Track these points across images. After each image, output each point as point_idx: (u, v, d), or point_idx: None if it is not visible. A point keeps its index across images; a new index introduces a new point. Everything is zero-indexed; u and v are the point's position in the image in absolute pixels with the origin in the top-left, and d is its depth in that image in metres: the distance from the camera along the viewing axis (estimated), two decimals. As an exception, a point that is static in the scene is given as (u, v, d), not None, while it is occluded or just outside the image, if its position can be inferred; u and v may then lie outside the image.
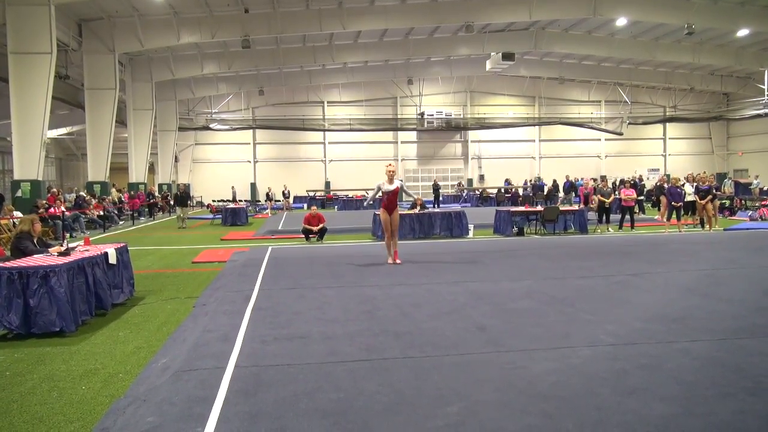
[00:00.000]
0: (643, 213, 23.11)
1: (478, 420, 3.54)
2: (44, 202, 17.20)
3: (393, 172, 10.29)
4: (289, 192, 33.24)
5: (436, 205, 29.60)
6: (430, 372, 4.43)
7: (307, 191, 37.70)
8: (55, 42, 18.15)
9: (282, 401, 3.89)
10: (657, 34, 30.10)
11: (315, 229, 14.96)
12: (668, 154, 43.47)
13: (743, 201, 24.96)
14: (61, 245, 7.20)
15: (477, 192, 36.48)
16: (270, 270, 9.73)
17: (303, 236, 15.10)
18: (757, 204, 22.85)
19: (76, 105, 27.38)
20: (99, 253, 7.19)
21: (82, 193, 22.32)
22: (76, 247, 7.28)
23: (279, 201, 33.12)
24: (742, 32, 27.43)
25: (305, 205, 31.71)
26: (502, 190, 33.73)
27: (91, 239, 8.47)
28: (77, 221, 18.39)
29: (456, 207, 26.29)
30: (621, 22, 27.20)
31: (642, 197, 24.97)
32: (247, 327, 5.88)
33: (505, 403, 3.79)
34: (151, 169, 34.14)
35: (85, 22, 23.42)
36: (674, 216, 16.49)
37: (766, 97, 35.22)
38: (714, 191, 16.99)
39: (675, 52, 31.85)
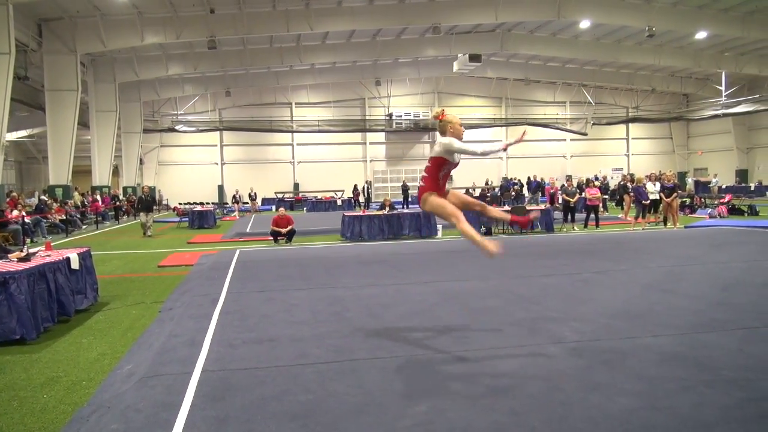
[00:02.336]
0: (607, 211, 23.67)
1: (447, 419, 3.57)
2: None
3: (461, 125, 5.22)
4: (255, 194, 32.98)
5: (405, 206, 29.69)
6: (399, 372, 4.45)
7: (275, 193, 37.43)
8: (14, 42, 17.67)
9: (250, 405, 3.86)
10: (619, 36, 30.77)
11: (283, 231, 14.87)
12: (631, 153, 44.42)
13: (703, 199, 25.64)
14: (21, 251, 7.02)
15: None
16: (238, 273, 9.64)
17: (271, 238, 15.00)
18: (716, 202, 23.50)
19: (36, 107, 26.69)
20: (61, 258, 7.03)
21: (44, 197, 21.77)
22: (36, 253, 7.11)
23: (247, 203, 32.84)
24: (701, 35, 28.19)
25: (274, 207, 31.50)
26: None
27: (52, 244, 8.26)
28: (38, 226, 17.93)
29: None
30: (584, 24, 27.70)
31: (606, 196, 25.56)
32: (215, 331, 5.82)
33: (472, 402, 3.83)
34: (116, 171, 33.49)
35: (45, 21, 22.85)
36: (642, 214, 16.82)
37: (723, 98, 36.29)
38: (677, 190, 17.43)
39: (637, 53, 32.58)
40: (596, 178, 30.89)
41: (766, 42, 29.78)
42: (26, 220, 17.11)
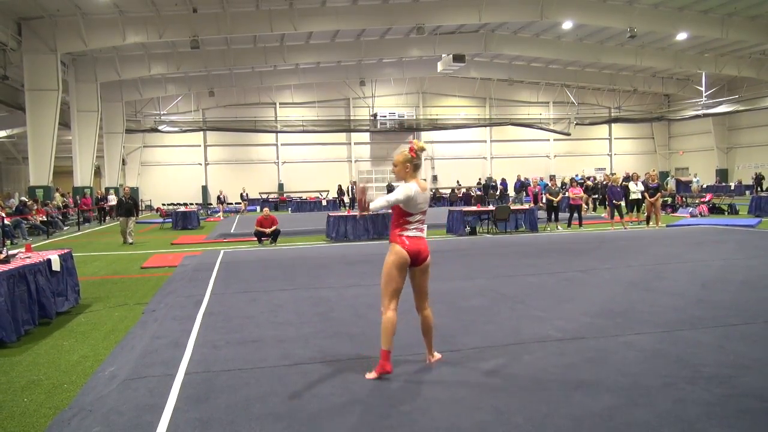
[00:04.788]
0: (594, 211, 23.98)
1: (431, 418, 3.58)
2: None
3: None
4: (247, 195, 33.09)
5: (390, 206, 29.68)
6: (384, 372, 4.44)
7: (260, 193, 37.26)
8: (-8, 41, 17.46)
9: (234, 406, 3.84)
10: (601, 37, 31.04)
11: (268, 231, 14.81)
12: (614, 153, 44.83)
13: (684, 198, 25.96)
14: (1, 253, 6.92)
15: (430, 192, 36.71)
16: (222, 274, 9.58)
17: (256, 239, 14.93)
18: (696, 201, 23.79)
19: (15, 107, 26.32)
20: (41, 259, 6.94)
21: (24, 198, 21.48)
22: (16, 254, 7.01)
23: (232, 204, 32.69)
24: (681, 36, 28.51)
25: (258, 208, 31.37)
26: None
27: (33, 246, 8.16)
28: (19, 227, 17.69)
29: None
30: (567, 25, 27.89)
31: (596, 196, 25.82)
32: (198, 332, 5.78)
33: (456, 401, 3.84)
34: (98, 172, 33.10)
35: (25, 20, 22.54)
36: (618, 213, 16.96)
37: (704, 99, 36.74)
38: (661, 189, 17.63)
39: (618, 54, 32.89)
40: (579, 177, 30.99)
41: (745, 43, 30.22)
42: (6, 221, 16.87)
